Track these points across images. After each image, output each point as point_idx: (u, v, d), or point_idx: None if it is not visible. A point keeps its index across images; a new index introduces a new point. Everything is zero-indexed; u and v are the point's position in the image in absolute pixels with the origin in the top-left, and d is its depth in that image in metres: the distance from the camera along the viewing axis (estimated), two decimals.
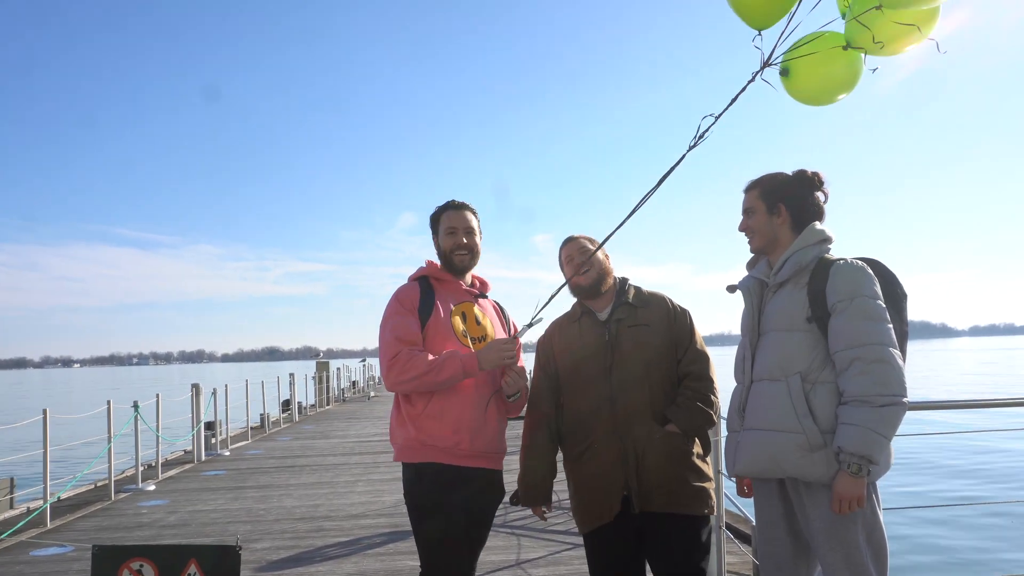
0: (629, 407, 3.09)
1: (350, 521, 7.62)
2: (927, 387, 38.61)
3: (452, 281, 3.28)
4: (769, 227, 2.91)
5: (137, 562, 3.09)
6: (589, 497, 3.14)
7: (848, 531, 2.63)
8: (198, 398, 13.50)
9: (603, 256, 3.31)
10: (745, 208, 2.97)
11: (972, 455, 16.84)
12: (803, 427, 2.65)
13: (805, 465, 2.65)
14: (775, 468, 2.72)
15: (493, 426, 3.19)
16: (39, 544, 7.08)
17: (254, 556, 6.27)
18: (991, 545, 9.65)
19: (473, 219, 3.31)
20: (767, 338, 2.84)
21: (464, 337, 3.17)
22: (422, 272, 3.31)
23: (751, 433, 2.81)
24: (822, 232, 2.85)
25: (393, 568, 5.81)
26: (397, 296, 3.21)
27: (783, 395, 2.71)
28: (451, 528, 3.03)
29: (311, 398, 26.13)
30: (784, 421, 2.69)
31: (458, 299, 3.27)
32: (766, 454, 2.73)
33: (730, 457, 2.93)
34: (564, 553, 6.01)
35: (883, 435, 2.54)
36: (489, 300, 3.45)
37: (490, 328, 3.30)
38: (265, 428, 18.36)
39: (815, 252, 2.80)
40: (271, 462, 12.50)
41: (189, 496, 9.51)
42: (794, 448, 2.66)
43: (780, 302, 2.83)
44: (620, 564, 3.15)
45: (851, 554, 2.62)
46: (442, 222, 3.30)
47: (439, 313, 3.16)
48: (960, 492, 13.13)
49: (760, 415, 2.78)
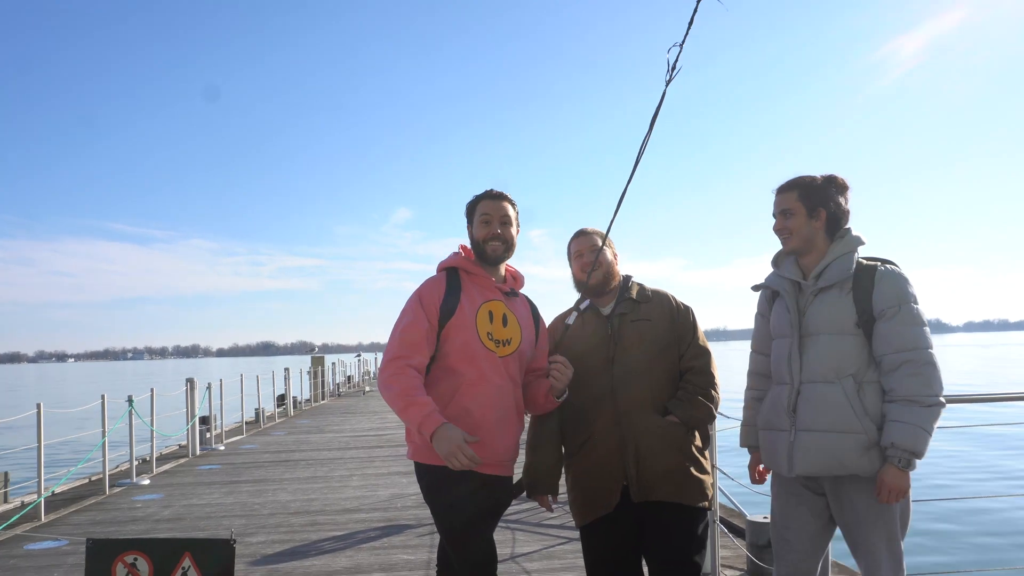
0: (630, 400, 3.11)
1: (345, 515, 7.63)
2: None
3: (483, 275, 3.14)
4: (807, 230, 2.96)
5: (131, 555, 3.08)
6: (589, 488, 3.15)
7: (891, 512, 2.82)
8: (193, 392, 13.49)
9: (612, 256, 3.31)
10: (783, 209, 2.99)
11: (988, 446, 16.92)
12: (864, 427, 2.79)
13: (865, 462, 2.79)
14: (839, 467, 2.82)
15: (511, 432, 3.11)
16: (34, 538, 7.07)
17: (248, 550, 6.27)
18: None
19: (511, 209, 3.18)
20: (816, 340, 2.90)
21: (488, 339, 3.05)
22: (453, 261, 3.17)
23: (810, 435, 2.86)
24: (858, 238, 2.96)
25: (388, 562, 5.82)
26: (419, 291, 3.09)
27: (840, 396, 2.82)
28: (473, 516, 2.98)
29: (306, 393, 26.13)
30: (846, 422, 2.81)
31: (487, 296, 3.13)
32: (831, 455, 2.82)
33: (782, 457, 2.95)
34: (558, 547, 6.02)
35: (929, 432, 2.72)
36: (522, 297, 3.31)
37: (517, 330, 3.15)
38: (260, 423, 18.36)
39: (854, 258, 2.91)
40: (266, 456, 12.50)
41: (184, 490, 9.51)
42: (857, 447, 2.79)
43: (827, 306, 2.89)
44: (617, 557, 3.16)
45: (891, 531, 2.82)
46: (478, 210, 3.15)
47: (463, 312, 3.04)
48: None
49: (818, 417, 2.85)
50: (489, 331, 3.07)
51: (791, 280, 3.01)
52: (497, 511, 3.18)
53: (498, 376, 3.05)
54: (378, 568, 5.67)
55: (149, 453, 11.31)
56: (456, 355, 3.02)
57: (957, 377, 43.94)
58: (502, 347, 3.09)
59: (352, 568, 5.70)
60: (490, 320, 3.09)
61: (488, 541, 3.06)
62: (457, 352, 3.02)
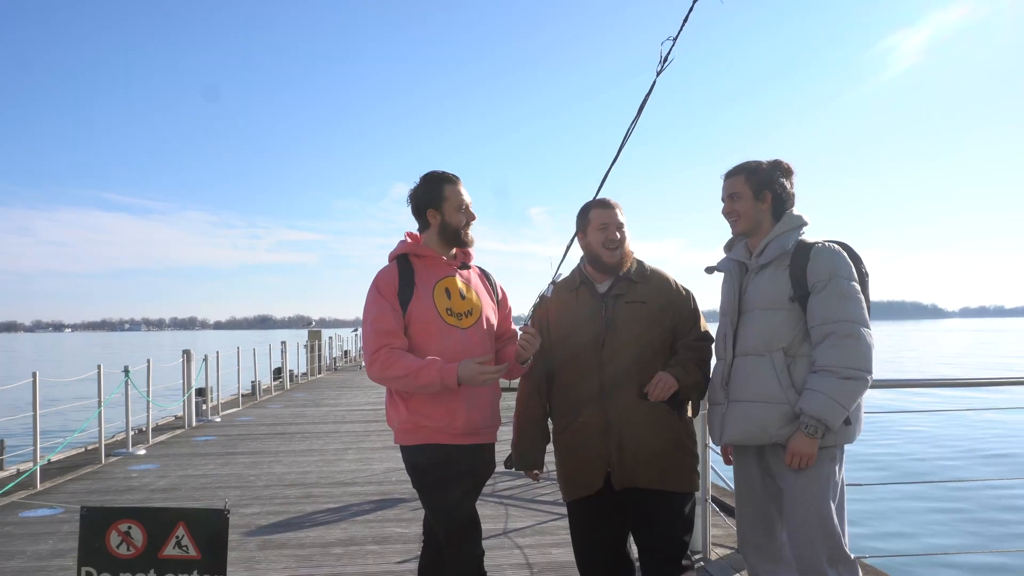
0: (618, 382, 3.10)
1: (339, 488, 7.67)
2: (928, 365, 38.94)
3: (433, 255, 3.19)
4: (755, 212, 3.07)
5: (125, 524, 3.10)
6: (574, 468, 3.18)
7: (821, 487, 2.87)
8: (189, 364, 13.51)
9: (628, 236, 3.28)
10: (731, 193, 3.10)
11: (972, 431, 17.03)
12: (787, 398, 2.88)
13: (787, 431, 2.87)
14: (762, 435, 2.92)
15: (486, 401, 3.18)
16: (29, 505, 7.11)
17: (243, 521, 6.31)
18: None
19: (466, 191, 3.25)
20: (750, 316, 3.01)
21: (448, 315, 3.12)
22: (402, 249, 3.22)
23: (738, 405, 2.99)
24: (800, 218, 3.06)
25: (381, 535, 5.86)
26: (376, 283, 3.16)
27: (768, 369, 2.92)
28: (459, 497, 3.07)
29: (303, 366, 26.18)
30: (770, 393, 2.90)
31: (440, 274, 3.19)
32: (754, 424, 2.93)
33: (716, 428, 3.12)
34: (551, 523, 6.06)
35: (842, 405, 2.78)
36: (473, 268, 3.36)
37: (476, 300, 3.23)
38: (256, 395, 18.40)
39: (795, 236, 3.00)
40: (262, 429, 12.54)
41: (179, 461, 9.54)
42: (779, 417, 2.88)
43: (763, 283, 3.00)
44: (602, 534, 3.19)
45: (821, 508, 2.86)
46: (449, 197, 3.17)
47: (420, 294, 3.11)
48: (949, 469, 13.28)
49: (746, 388, 2.97)
50: (448, 307, 3.14)
51: (737, 261, 3.13)
52: (481, 479, 3.26)
53: (465, 348, 3.11)
54: (372, 540, 5.71)
55: (145, 424, 11.34)
56: (420, 336, 3.09)
57: (949, 360, 44.17)
58: (464, 319, 3.16)
59: (346, 540, 5.74)
60: (447, 296, 3.16)
61: (472, 511, 3.13)
62: (421, 333, 3.09)
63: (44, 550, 5.64)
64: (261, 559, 5.30)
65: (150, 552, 3.09)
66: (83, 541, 3.10)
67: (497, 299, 3.41)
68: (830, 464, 2.88)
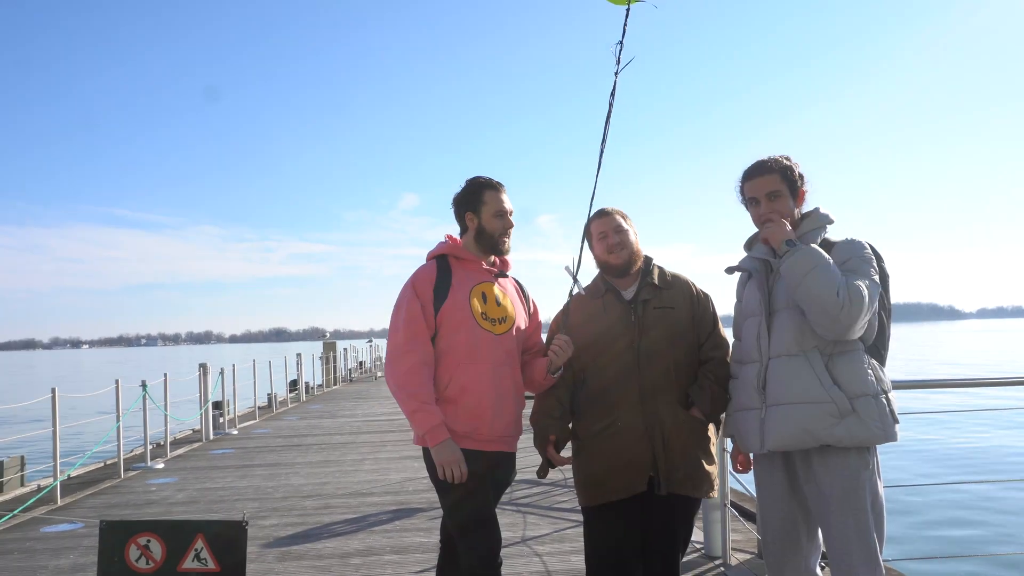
0: (656, 387, 3.12)
1: (357, 499, 7.67)
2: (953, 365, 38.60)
3: (473, 259, 3.21)
4: (791, 211, 2.99)
5: (144, 537, 3.11)
6: (610, 473, 3.13)
7: (859, 498, 2.76)
8: (206, 378, 13.57)
9: (634, 236, 3.30)
10: (769, 192, 2.98)
11: None
12: (831, 396, 2.76)
13: (836, 432, 2.75)
14: (807, 438, 2.79)
15: (510, 410, 3.18)
16: (50, 520, 7.15)
17: (261, 532, 6.32)
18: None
19: (509, 200, 3.26)
20: (780, 316, 2.91)
21: (483, 319, 3.12)
22: (442, 250, 3.24)
23: (779, 409, 2.85)
24: (826, 216, 2.99)
25: (400, 545, 5.85)
26: (413, 281, 3.15)
27: (806, 368, 2.81)
28: (479, 501, 3.07)
29: (318, 378, 26.26)
30: (812, 393, 2.78)
31: (478, 279, 3.20)
32: (799, 426, 2.79)
33: (754, 434, 2.94)
34: (569, 531, 6.03)
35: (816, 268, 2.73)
36: (510, 279, 3.38)
37: (511, 308, 3.24)
38: (272, 408, 18.46)
39: (821, 234, 2.95)
40: (278, 441, 12.57)
41: (197, 474, 9.58)
42: (825, 416, 2.76)
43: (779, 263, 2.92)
44: (622, 539, 3.18)
45: (859, 518, 2.75)
46: (487, 202, 3.19)
47: (456, 295, 3.11)
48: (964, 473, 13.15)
49: (786, 390, 2.84)
50: (483, 311, 3.14)
51: (762, 260, 3.02)
52: (500, 487, 3.26)
53: (495, 354, 3.12)
54: (390, 551, 5.70)
55: (163, 438, 11.40)
56: (452, 337, 3.08)
57: (965, 360, 43.73)
58: (498, 325, 3.16)
59: (364, 551, 5.73)
60: (483, 301, 3.16)
61: (492, 518, 3.12)
62: (453, 334, 3.08)
63: (65, 565, 5.67)
64: (280, 570, 5.31)
65: (169, 565, 3.09)
66: (102, 555, 3.12)
67: (529, 312, 3.40)
68: (866, 472, 2.78)
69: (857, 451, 2.77)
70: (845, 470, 2.76)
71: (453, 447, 2.99)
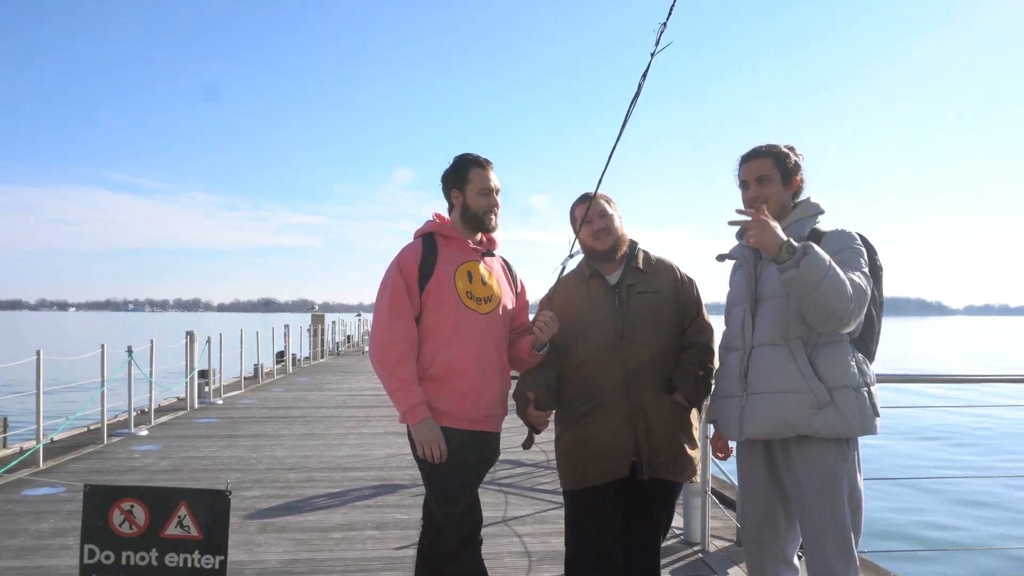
0: (639, 372, 3.13)
1: (340, 473, 7.70)
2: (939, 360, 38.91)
3: (460, 238, 3.21)
4: (783, 197, 2.99)
5: (128, 502, 3.12)
6: (592, 456, 3.16)
7: (835, 489, 2.78)
8: (192, 346, 13.54)
9: (619, 221, 3.30)
10: (759, 175, 2.98)
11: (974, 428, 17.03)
12: (810, 386, 2.76)
13: (814, 422, 2.76)
14: (785, 428, 2.81)
15: (495, 389, 3.19)
16: (32, 483, 7.14)
17: (244, 504, 6.34)
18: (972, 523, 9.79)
19: (497, 178, 3.24)
20: (765, 304, 2.92)
21: (468, 298, 3.13)
22: (429, 228, 3.24)
23: (759, 397, 2.87)
24: (817, 206, 2.98)
25: (381, 520, 5.88)
26: (398, 260, 3.15)
27: (787, 358, 2.82)
28: (462, 481, 3.09)
29: (306, 350, 26.25)
30: (791, 383, 2.79)
31: (464, 257, 3.20)
32: (778, 416, 2.81)
33: (734, 422, 2.97)
34: (550, 512, 6.08)
35: (829, 272, 2.61)
36: (496, 257, 3.38)
37: (496, 288, 3.24)
38: (259, 378, 18.45)
39: (811, 223, 2.93)
40: (264, 412, 12.58)
41: (181, 442, 9.58)
42: (803, 407, 2.77)
43: (776, 270, 2.86)
44: (604, 523, 3.20)
45: (835, 509, 2.77)
46: (473, 180, 3.18)
47: (441, 273, 3.12)
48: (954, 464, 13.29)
49: (766, 379, 2.86)
50: (468, 290, 3.14)
51: (752, 249, 3.01)
52: (483, 466, 3.27)
53: (480, 333, 3.13)
54: (371, 526, 5.73)
55: (148, 404, 11.38)
56: (437, 315, 3.09)
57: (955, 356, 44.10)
58: (483, 304, 3.17)
59: (345, 525, 5.76)
60: (469, 279, 3.16)
61: (475, 502, 3.14)
62: (438, 313, 3.09)
63: (46, 528, 5.67)
64: (261, 542, 5.33)
65: (152, 531, 3.10)
66: (86, 519, 3.12)
67: (516, 291, 3.41)
68: (844, 464, 2.79)
69: (836, 442, 2.79)
70: (823, 460, 2.78)
71: (433, 426, 3.02)
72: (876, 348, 3.00)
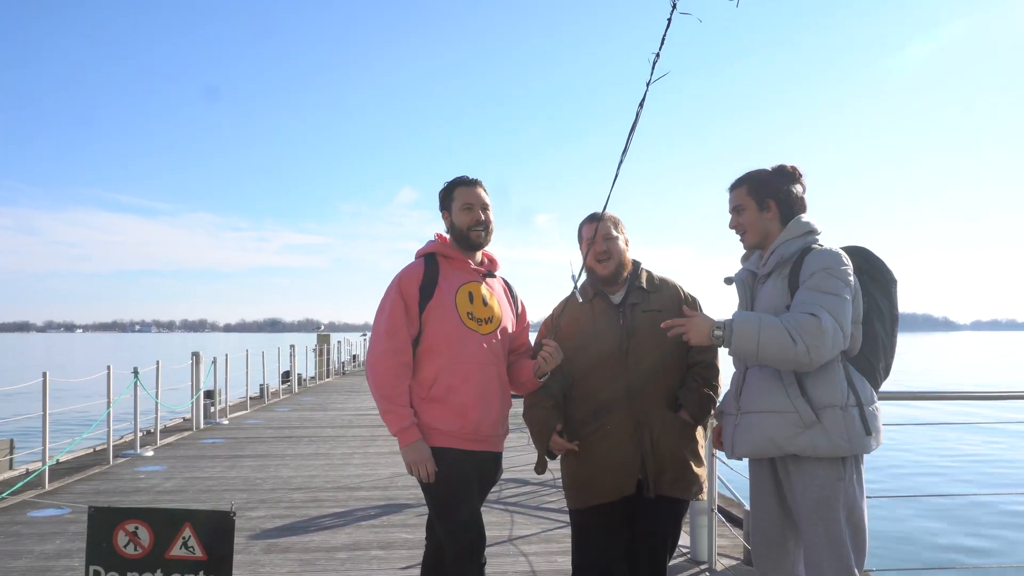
0: (645, 390, 3.15)
1: (345, 493, 7.68)
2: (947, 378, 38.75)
3: (461, 258, 3.23)
4: (760, 223, 3.01)
5: (132, 524, 3.12)
6: (599, 475, 3.16)
7: (830, 508, 2.77)
8: (198, 366, 13.56)
9: (624, 244, 3.31)
10: (735, 206, 3.05)
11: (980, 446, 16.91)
12: (796, 407, 2.78)
13: (800, 442, 2.77)
14: (772, 448, 2.83)
15: (496, 410, 3.19)
16: (37, 504, 7.15)
17: (249, 524, 6.33)
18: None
19: (486, 195, 3.26)
20: None
21: (468, 319, 3.14)
22: (431, 248, 3.26)
23: (748, 417, 2.91)
24: (808, 224, 2.96)
25: (386, 540, 5.86)
26: (399, 280, 3.17)
27: (775, 378, 2.85)
28: (465, 500, 3.08)
29: (311, 370, 26.24)
30: (777, 403, 2.82)
31: (465, 278, 3.22)
32: (764, 435, 2.84)
33: (728, 440, 3.02)
34: (556, 531, 6.05)
35: (760, 336, 2.70)
36: (498, 278, 3.40)
37: (497, 309, 3.25)
38: (264, 398, 18.44)
39: (799, 244, 2.91)
40: (269, 432, 12.57)
41: (186, 463, 9.58)
42: (789, 426, 2.78)
43: (766, 292, 2.95)
44: (610, 542, 3.20)
45: (830, 528, 2.76)
46: (456, 198, 3.22)
47: (442, 293, 3.13)
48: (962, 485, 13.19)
49: (755, 399, 2.90)
50: (469, 311, 3.16)
51: (750, 271, 3.07)
52: (486, 486, 3.28)
53: (481, 354, 3.14)
54: (376, 546, 5.71)
55: (153, 425, 11.39)
56: (438, 336, 3.10)
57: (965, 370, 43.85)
58: (484, 325, 3.18)
59: (351, 545, 5.74)
60: (470, 300, 3.18)
61: (476, 517, 3.14)
62: (438, 333, 3.10)
63: (51, 550, 5.67)
64: (266, 562, 5.32)
65: (157, 552, 3.10)
66: (91, 541, 3.12)
67: (517, 312, 3.43)
68: (840, 483, 2.77)
69: (830, 461, 2.78)
70: (816, 479, 2.78)
71: (421, 448, 3.04)
72: (887, 363, 2.99)
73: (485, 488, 3.27)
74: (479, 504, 3.20)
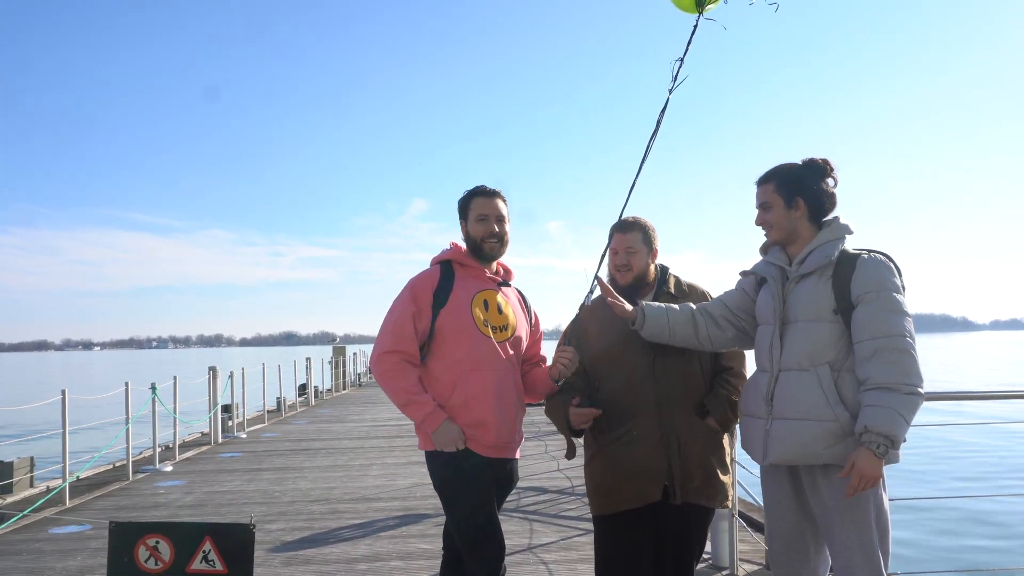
0: (672, 396, 3.13)
1: (364, 504, 7.68)
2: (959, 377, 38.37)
3: (476, 267, 3.25)
4: (788, 221, 2.93)
5: (153, 538, 3.13)
6: (624, 481, 3.13)
7: (863, 511, 2.72)
8: (215, 381, 13.62)
9: (647, 256, 3.29)
10: (761, 202, 2.97)
11: None
12: (836, 415, 2.72)
13: (837, 451, 2.71)
14: (808, 455, 2.76)
15: (512, 417, 3.19)
16: (58, 521, 7.18)
17: (269, 537, 6.33)
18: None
19: (503, 206, 3.26)
20: (794, 327, 2.87)
21: (484, 326, 3.15)
22: (446, 255, 3.28)
23: (783, 423, 2.82)
24: (846, 227, 2.90)
25: (406, 551, 5.85)
26: (412, 284, 3.19)
27: (814, 384, 2.77)
28: (483, 509, 3.07)
29: (327, 382, 26.30)
30: (817, 410, 2.74)
31: (481, 286, 3.23)
32: (801, 443, 2.76)
33: (758, 445, 2.94)
34: (576, 539, 6.02)
35: (906, 419, 2.60)
36: (512, 288, 3.41)
37: (512, 317, 3.26)
38: (281, 411, 18.49)
39: (839, 245, 2.85)
40: (287, 445, 12.60)
41: (206, 477, 9.61)
42: (827, 435, 2.72)
43: (806, 293, 2.85)
44: (634, 549, 3.17)
45: (863, 532, 2.72)
46: (472, 208, 3.23)
47: (457, 301, 3.14)
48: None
49: (792, 405, 2.81)
50: (484, 318, 3.16)
51: (777, 266, 2.97)
52: (503, 492, 3.28)
53: (496, 361, 3.14)
54: (396, 556, 5.70)
55: (172, 440, 11.44)
56: (453, 343, 3.11)
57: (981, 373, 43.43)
58: (499, 332, 3.19)
59: (371, 556, 5.74)
60: (485, 308, 3.18)
61: (496, 526, 3.12)
62: (454, 340, 3.11)
63: (72, 566, 5.69)
64: (286, 575, 5.32)
65: (178, 566, 3.11)
66: (112, 556, 3.13)
67: (531, 322, 3.43)
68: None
69: None
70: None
71: (450, 427, 3.04)
72: None
73: (503, 495, 3.27)
74: (496, 510, 3.18)
